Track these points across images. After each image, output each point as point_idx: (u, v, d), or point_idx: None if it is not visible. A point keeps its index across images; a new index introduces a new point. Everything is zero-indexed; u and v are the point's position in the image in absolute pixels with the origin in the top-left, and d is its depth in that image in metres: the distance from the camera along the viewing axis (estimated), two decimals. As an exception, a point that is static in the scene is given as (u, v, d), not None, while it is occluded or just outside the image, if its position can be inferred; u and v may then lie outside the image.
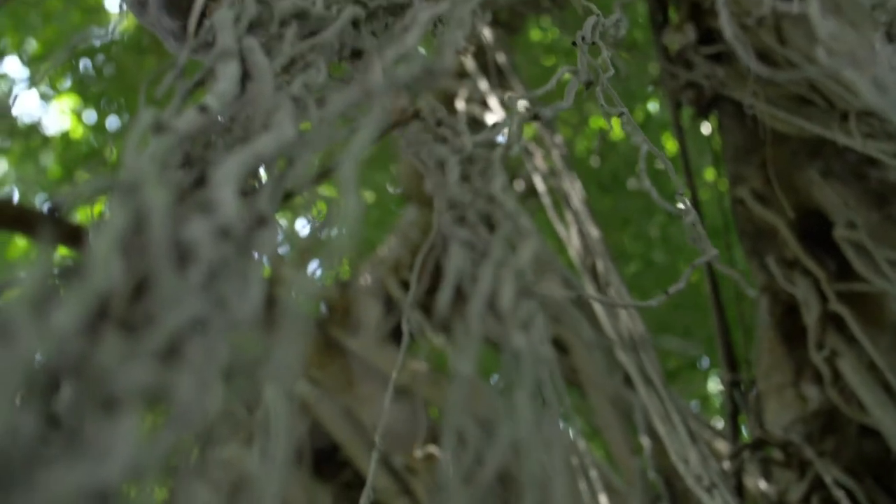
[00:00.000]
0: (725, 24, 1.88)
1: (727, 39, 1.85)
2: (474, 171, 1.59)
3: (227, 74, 1.41)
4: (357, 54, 1.97)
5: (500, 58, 6.15)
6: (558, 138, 6.22)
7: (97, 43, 9.81)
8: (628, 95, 9.17)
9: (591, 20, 2.51)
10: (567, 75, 2.25)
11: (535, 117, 2.32)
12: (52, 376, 0.88)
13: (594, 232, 5.43)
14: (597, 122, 9.21)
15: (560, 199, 5.83)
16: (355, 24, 1.98)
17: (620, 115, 2.41)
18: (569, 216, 5.66)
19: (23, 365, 0.83)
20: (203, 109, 1.23)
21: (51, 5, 9.95)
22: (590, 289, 5.17)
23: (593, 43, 2.42)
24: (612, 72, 2.35)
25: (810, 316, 4.73)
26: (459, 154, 1.62)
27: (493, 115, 6.24)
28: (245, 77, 1.56)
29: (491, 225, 1.44)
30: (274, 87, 1.47)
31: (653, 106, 9.76)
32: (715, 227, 7.05)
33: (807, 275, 4.86)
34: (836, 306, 4.63)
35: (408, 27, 1.73)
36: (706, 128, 6.97)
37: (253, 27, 1.79)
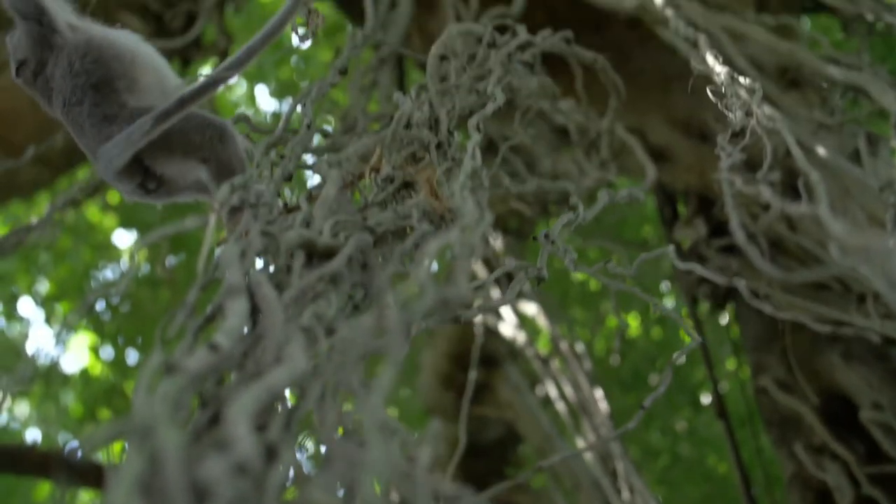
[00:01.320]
0: (736, 229, 1.90)
1: (739, 244, 1.87)
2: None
3: (236, 311, 1.42)
4: (368, 280, 1.98)
5: (510, 262, 6.18)
6: (578, 344, 6.24)
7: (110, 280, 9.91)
8: (643, 292, 9.18)
9: (561, 219, 2.54)
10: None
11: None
12: None
13: (612, 435, 5.40)
14: (614, 321, 9.21)
15: (576, 405, 5.82)
16: (364, 251, 1.99)
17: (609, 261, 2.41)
18: (585, 422, 5.65)
19: None
20: (213, 348, 1.24)
21: (61, 244, 10.07)
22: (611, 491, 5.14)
23: (553, 242, 2.45)
24: (568, 254, 2.36)
25: (843, 501, 4.67)
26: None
27: (507, 325, 6.26)
28: (255, 310, 1.57)
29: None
30: (284, 319, 1.47)
31: (668, 301, 9.78)
32: (739, 415, 7.00)
33: (836, 460, 4.81)
34: (869, 489, 4.57)
35: (419, 257, 1.75)
36: (724, 318, 6.98)
37: (261, 259, 1.81)
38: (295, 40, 3.05)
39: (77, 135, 3.01)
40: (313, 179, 2.71)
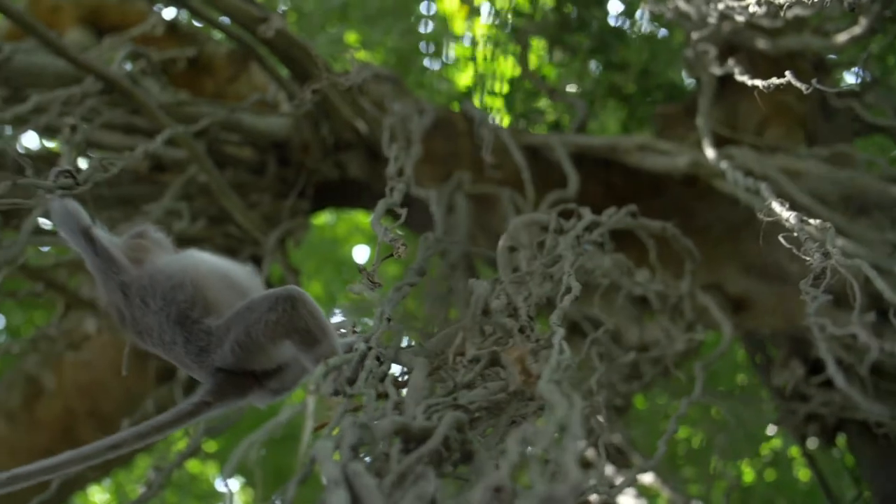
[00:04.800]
0: (835, 374, 1.91)
1: (840, 387, 1.89)
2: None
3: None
4: (468, 456, 2.00)
5: (617, 438, 6.16)
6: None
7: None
8: (750, 439, 9.10)
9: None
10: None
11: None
12: None
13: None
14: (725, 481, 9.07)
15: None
16: (460, 429, 2.01)
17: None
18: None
19: None
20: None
21: (167, 500, 10.13)
22: None
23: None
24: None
25: None
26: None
27: (627, 497, 6.20)
28: (356, 501, 1.59)
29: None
30: None
31: (776, 443, 9.66)
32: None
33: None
34: None
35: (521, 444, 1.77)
36: (837, 450, 6.90)
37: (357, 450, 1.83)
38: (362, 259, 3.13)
39: (185, 370, 3.11)
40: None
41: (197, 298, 3.06)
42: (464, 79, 9.58)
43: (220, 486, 10.59)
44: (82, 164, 6.12)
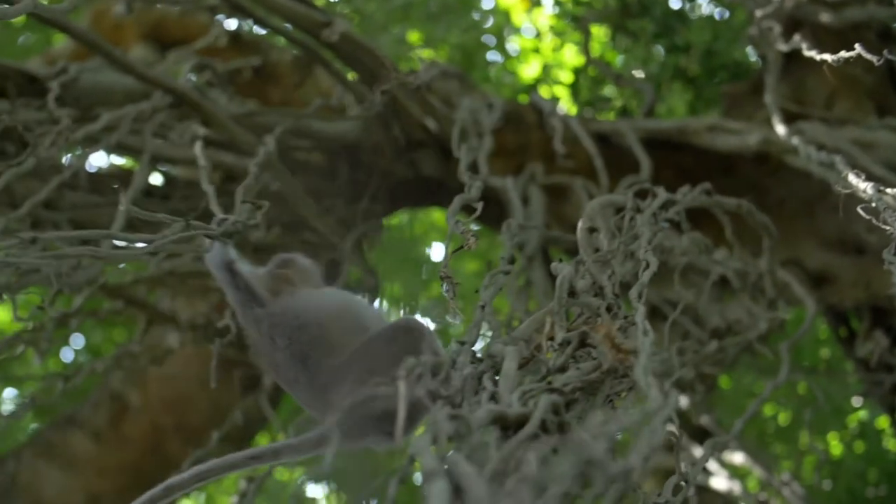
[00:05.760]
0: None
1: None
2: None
3: (437, 493, 1.46)
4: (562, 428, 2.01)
5: (704, 420, 6.14)
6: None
7: None
8: (836, 412, 9.04)
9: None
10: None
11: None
12: None
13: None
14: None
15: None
16: (556, 411, 2.03)
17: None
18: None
19: None
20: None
21: (256, 505, 10.20)
22: None
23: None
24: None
25: None
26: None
27: (719, 478, 6.19)
28: (457, 490, 1.60)
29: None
30: (489, 491, 1.51)
31: (862, 414, 9.60)
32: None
33: None
34: None
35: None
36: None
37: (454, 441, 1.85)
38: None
39: (307, 408, 3.17)
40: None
41: (321, 339, 3.09)
42: (528, 71, 9.58)
43: (310, 491, 10.63)
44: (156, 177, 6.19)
